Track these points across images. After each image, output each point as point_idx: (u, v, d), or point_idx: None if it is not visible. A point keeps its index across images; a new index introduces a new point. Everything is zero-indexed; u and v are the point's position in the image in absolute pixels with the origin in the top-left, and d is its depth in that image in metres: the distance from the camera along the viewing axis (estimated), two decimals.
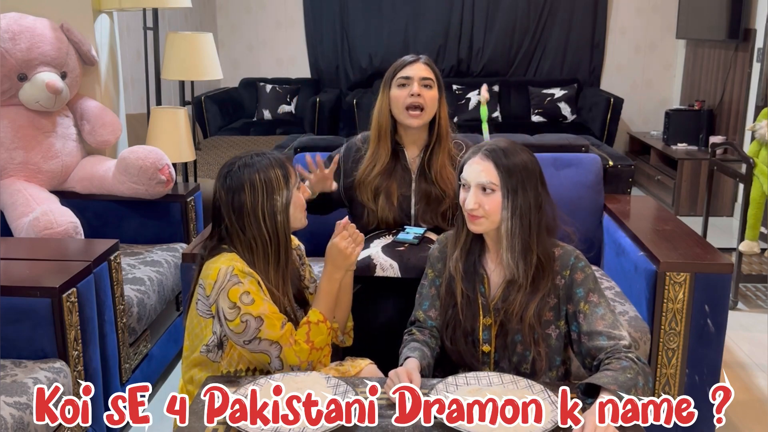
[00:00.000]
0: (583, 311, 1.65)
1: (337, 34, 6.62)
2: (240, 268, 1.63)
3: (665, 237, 2.36)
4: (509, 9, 6.40)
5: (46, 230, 2.54)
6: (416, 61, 2.21)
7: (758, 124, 3.56)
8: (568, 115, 6.10)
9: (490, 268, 1.73)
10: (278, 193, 1.68)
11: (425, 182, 2.22)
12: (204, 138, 5.78)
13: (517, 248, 1.65)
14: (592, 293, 1.66)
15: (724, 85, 5.33)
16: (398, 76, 2.19)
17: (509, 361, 1.71)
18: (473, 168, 1.67)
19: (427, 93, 2.17)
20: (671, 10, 6.23)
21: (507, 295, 1.68)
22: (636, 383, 1.48)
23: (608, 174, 2.91)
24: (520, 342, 1.68)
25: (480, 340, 1.71)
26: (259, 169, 1.68)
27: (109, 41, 3.27)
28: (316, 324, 1.67)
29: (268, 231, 1.67)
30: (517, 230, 1.64)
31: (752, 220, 3.53)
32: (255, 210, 1.67)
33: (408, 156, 2.26)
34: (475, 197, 1.64)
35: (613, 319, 1.64)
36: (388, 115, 2.22)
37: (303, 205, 1.76)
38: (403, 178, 2.24)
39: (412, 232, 2.15)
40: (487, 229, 1.68)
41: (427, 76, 2.18)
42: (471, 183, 1.66)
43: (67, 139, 2.98)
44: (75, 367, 2.03)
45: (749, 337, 3.17)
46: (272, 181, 1.68)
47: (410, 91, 2.16)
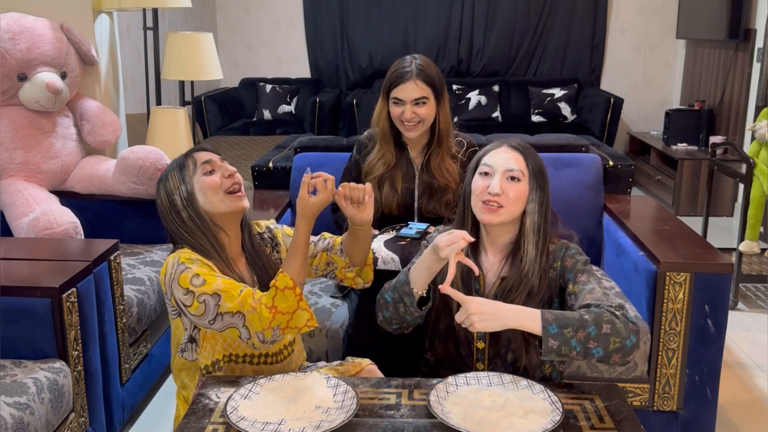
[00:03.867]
0: (573, 292, 1.64)
1: (337, 34, 6.62)
2: (186, 256, 1.61)
3: (665, 237, 2.36)
4: (509, 9, 6.40)
5: (46, 230, 2.54)
6: (409, 78, 2.16)
7: (758, 124, 3.56)
8: (568, 115, 6.10)
9: (486, 268, 1.72)
10: (175, 189, 1.67)
11: (427, 176, 2.26)
12: (204, 138, 5.78)
13: (540, 245, 1.64)
14: (580, 274, 1.65)
15: (724, 85, 5.33)
16: (392, 96, 2.19)
17: (503, 357, 1.70)
18: (501, 156, 1.65)
19: (421, 110, 2.18)
20: (671, 10, 6.23)
21: (501, 292, 1.67)
22: (585, 326, 1.46)
23: (608, 174, 2.91)
24: (515, 339, 1.67)
25: (474, 337, 1.71)
26: (163, 172, 1.71)
27: (109, 41, 3.27)
28: (282, 290, 1.58)
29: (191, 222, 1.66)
30: (542, 226, 1.65)
31: (752, 220, 3.53)
32: (171, 209, 1.67)
33: (411, 154, 2.30)
34: (501, 183, 1.63)
35: (602, 292, 1.60)
36: (388, 121, 2.25)
37: (214, 186, 1.67)
38: (407, 172, 2.28)
39: (414, 227, 2.17)
40: (504, 220, 1.65)
41: (418, 96, 2.16)
42: (498, 169, 1.64)
43: (67, 139, 2.98)
44: (75, 367, 2.03)
45: (749, 337, 3.17)
46: (170, 178, 1.68)
47: (402, 114, 2.18)
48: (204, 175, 1.67)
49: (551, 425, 1.40)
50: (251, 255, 1.75)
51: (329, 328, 2.21)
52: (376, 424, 1.45)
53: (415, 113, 2.17)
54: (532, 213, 1.64)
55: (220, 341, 1.68)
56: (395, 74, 2.19)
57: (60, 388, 1.92)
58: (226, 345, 1.69)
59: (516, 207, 1.64)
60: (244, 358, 1.71)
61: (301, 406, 1.48)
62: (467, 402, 1.50)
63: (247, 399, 1.51)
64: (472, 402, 1.50)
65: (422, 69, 2.18)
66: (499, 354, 1.71)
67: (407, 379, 1.63)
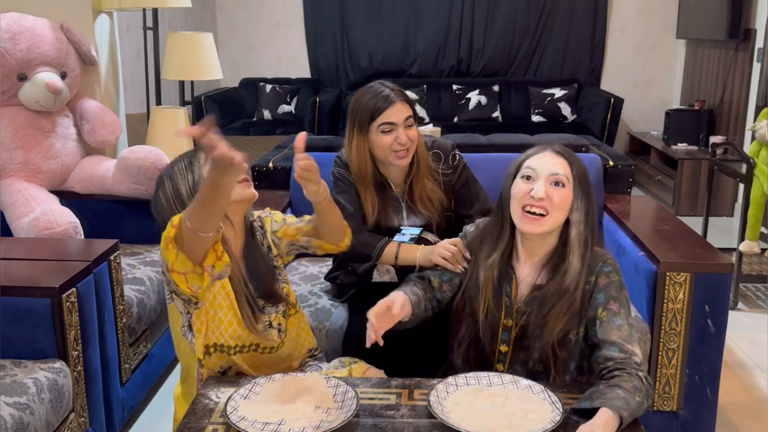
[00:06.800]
0: (600, 318, 1.59)
1: (337, 34, 6.62)
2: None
3: (665, 237, 2.36)
4: (509, 9, 6.40)
5: (46, 230, 2.54)
6: (393, 101, 2.00)
7: (758, 124, 3.56)
8: (568, 115, 6.10)
9: (520, 274, 1.67)
10: (182, 179, 1.67)
11: (413, 205, 2.16)
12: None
13: (586, 258, 1.59)
14: (613, 301, 1.60)
15: (724, 85, 5.33)
16: (380, 123, 2.01)
17: (524, 363, 1.67)
18: (546, 160, 1.59)
19: (411, 132, 2.04)
20: (671, 10, 6.23)
21: (534, 301, 1.63)
22: (642, 409, 1.46)
23: (608, 174, 2.91)
24: (538, 348, 1.64)
25: (499, 339, 1.69)
26: (167, 168, 1.71)
27: (109, 41, 3.27)
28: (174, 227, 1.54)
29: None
30: (588, 238, 1.59)
31: (752, 220, 3.53)
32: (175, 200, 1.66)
33: (393, 187, 2.17)
34: (545, 187, 1.57)
35: (629, 332, 1.57)
36: (369, 159, 2.08)
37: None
38: (396, 208, 2.18)
39: (408, 233, 2.15)
40: (548, 230, 1.59)
41: (407, 116, 2.03)
42: (542, 173, 1.58)
43: (67, 139, 2.98)
44: (75, 367, 2.02)
45: (749, 337, 3.16)
46: (176, 170, 1.69)
47: (397, 138, 2.01)
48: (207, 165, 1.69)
49: (551, 425, 1.40)
50: (250, 258, 1.76)
51: (329, 328, 2.21)
52: (376, 424, 1.45)
53: (407, 136, 2.03)
54: (578, 223, 1.59)
55: (204, 327, 1.66)
56: (374, 102, 2.01)
57: (60, 388, 1.91)
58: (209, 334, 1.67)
59: (560, 214, 1.58)
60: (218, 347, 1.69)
61: (301, 406, 1.48)
62: (467, 402, 1.50)
63: (247, 399, 1.51)
64: (472, 402, 1.50)
65: (399, 90, 2.05)
66: (520, 359, 1.68)
67: (407, 379, 1.63)
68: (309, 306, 2.30)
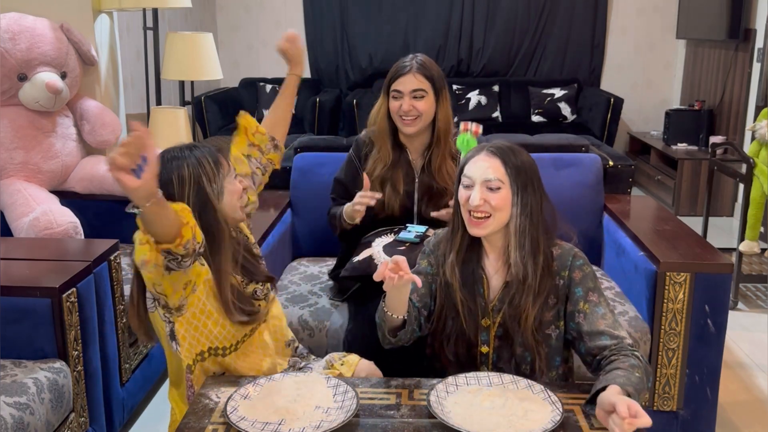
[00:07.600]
0: (583, 311, 1.64)
1: (337, 34, 6.62)
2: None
3: (665, 237, 2.36)
4: (509, 9, 6.39)
5: (46, 230, 2.54)
6: (409, 71, 2.19)
7: (758, 124, 3.56)
8: (568, 115, 6.10)
9: (490, 272, 1.72)
10: (208, 184, 1.63)
11: (427, 178, 2.25)
12: (204, 138, 5.78)
13: (526, 247, 1.64)
14: (591, 292, 1.66)
15: (724, 85, 5.33)
16: (392, 88, 2.21)
17: (508, 362, 1.70)
18: (478, 165, 1.65)
19: (419, 103, 2.19)
20: (671, 10, 6.22)
21: (506, 296, 1.67)
22: (644, 386, 1.48)
23: (608, 174, 2.92)
24: (520, 344, 1.68)
25: (479, 341, 1.71)
26: (188, 161, 1.63)
27: (109, 41, 3.27)
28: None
29: (199, 222, 1.56)
30: (526, 228, 1.64)
31: (752, 220, 3.53)
32: (185, 202, 1.59)
33: (411, 155, 2.29)
34: (481, 193, 1.62)
35: (613, 319, 1.63)
36: (386, 119, 2.26)
37: (239, 192, 1.70)
38: (407, 174, 2.27)
39: (413, 230, 2.15)
40: (493, 230, 1.65)
41: (417, 88, 2.18)
42: (476, 180, 1.64)
43: (67, 139, 2.98)
44: (75, 367, 2.03)
45: (749, 337, 3.16)
46: (201, 172, 1.63)
47: (401, 106, 2.19)
48: (236, 180, 1.72)
49: (551, 425, 1.40)
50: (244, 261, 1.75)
51: (329, 328, 2.21)
52: (376, 424, 1.45)
53: (413, 106, 2.17)
54: (515, 216, 1.64)
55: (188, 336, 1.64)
56: (395, 69, 2.23)
57: (60, 388, 1.92)
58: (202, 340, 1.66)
59: (502, 214, 1.64)
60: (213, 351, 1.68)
61: (301, 406, 1.48)
62: (467, 402, 1.50)
63: (247, 399, 1.51)
64: (472, 402, 1.50)
65: (422, 64, 2.21)
66: (503, 359, 1.70)
67: (407, 379, 1.63)
68: (309, 306, 2.30)
